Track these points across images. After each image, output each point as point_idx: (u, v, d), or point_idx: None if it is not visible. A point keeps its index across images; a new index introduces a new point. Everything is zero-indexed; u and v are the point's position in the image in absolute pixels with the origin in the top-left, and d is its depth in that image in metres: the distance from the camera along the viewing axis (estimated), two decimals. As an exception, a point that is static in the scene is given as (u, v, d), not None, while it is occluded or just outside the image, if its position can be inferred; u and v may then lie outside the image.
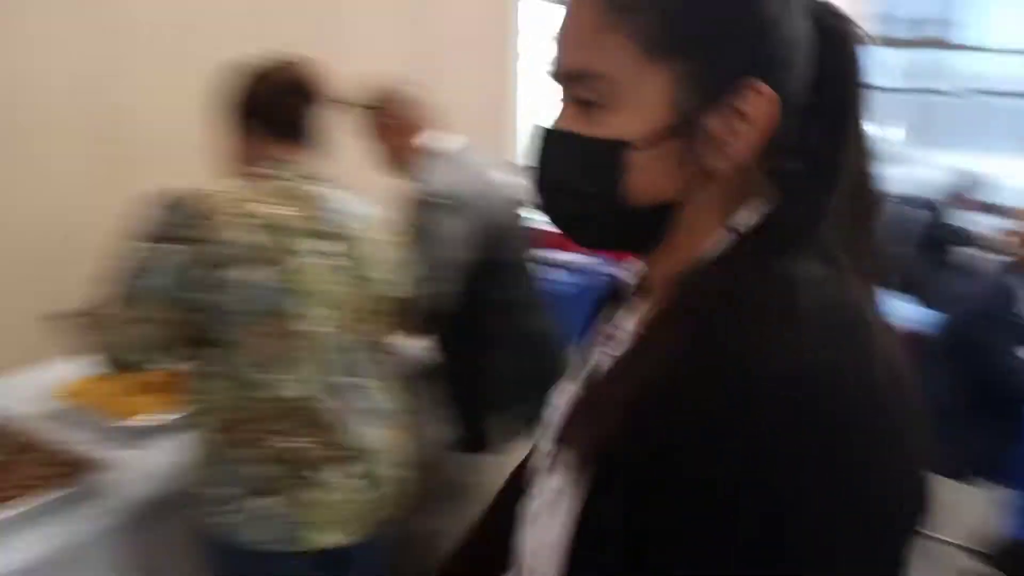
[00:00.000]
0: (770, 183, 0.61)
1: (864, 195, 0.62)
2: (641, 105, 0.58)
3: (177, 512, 1.44)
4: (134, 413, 1.62)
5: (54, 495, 1.35)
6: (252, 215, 1.28)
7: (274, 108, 1.39)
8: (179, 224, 1.26)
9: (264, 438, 1.32)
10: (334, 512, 1.37)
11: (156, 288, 1.25)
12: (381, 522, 1.47)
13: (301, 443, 1.33)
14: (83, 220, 2.07)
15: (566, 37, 0.61)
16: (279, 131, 1.40)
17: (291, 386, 1.32)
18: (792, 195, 0.60)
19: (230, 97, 1.41)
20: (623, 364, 0.62)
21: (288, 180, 1.37)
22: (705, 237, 0.61)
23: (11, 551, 1.26)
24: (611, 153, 0.59)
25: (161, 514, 1.47)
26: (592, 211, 0.62)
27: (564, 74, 0.61)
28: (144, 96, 2.23)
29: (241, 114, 1.41)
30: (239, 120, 1.41)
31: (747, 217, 0.61)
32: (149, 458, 1.55)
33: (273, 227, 1.30)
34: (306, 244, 1.33)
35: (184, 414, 1.46)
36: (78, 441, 1.53)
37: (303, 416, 1.34)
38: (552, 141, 0.63)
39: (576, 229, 0.65)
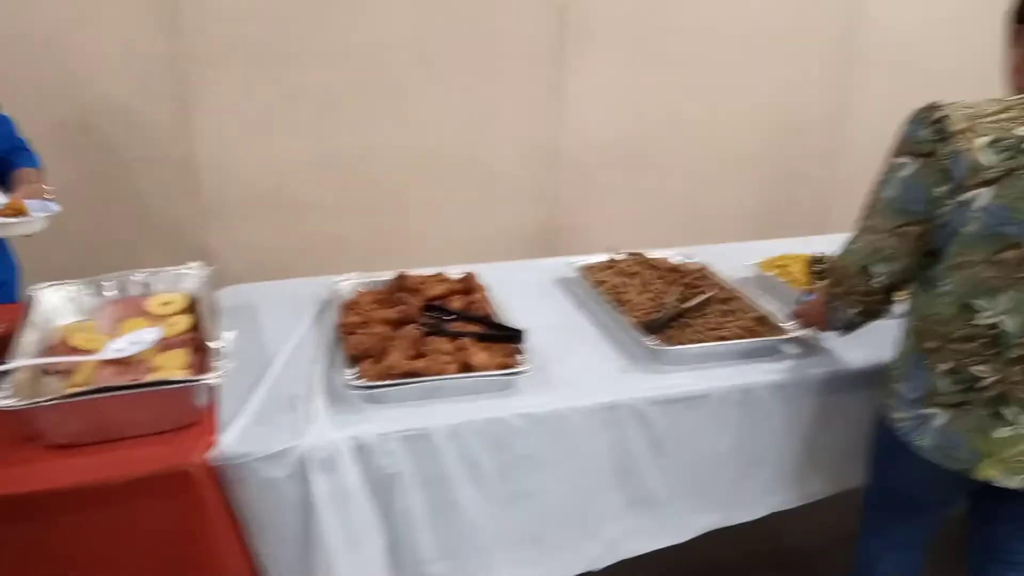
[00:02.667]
0: None
1: None
2: None
3: (858, 391, 1.62)
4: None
5: (745, 343, 1.63)
6: (1001, 134, 1.24)
7: None
8: (921, 138, 1.29)
9: (956, 356, 1.35)
10: (1000, 448, 1.36)
11: (887, 199, 1.34)
12: None
13: (989, 372, 1.33)
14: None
15: None
16: None
17: (994, 315, 1.31)
18: None
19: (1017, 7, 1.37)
20: None
21: None
22: None
23: (704, 379, 1.55)
24: None
25: (840, 388, 1.63)
26: None
27: None
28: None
29: None
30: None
31: None
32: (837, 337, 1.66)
33: (1019, 148, 1.23)
34: None
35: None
36: (772, 305, 1.81)
37: (999, 347, 1.32)
38: None
39: None
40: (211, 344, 1.35)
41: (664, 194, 2.96)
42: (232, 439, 1.30)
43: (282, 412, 1.39)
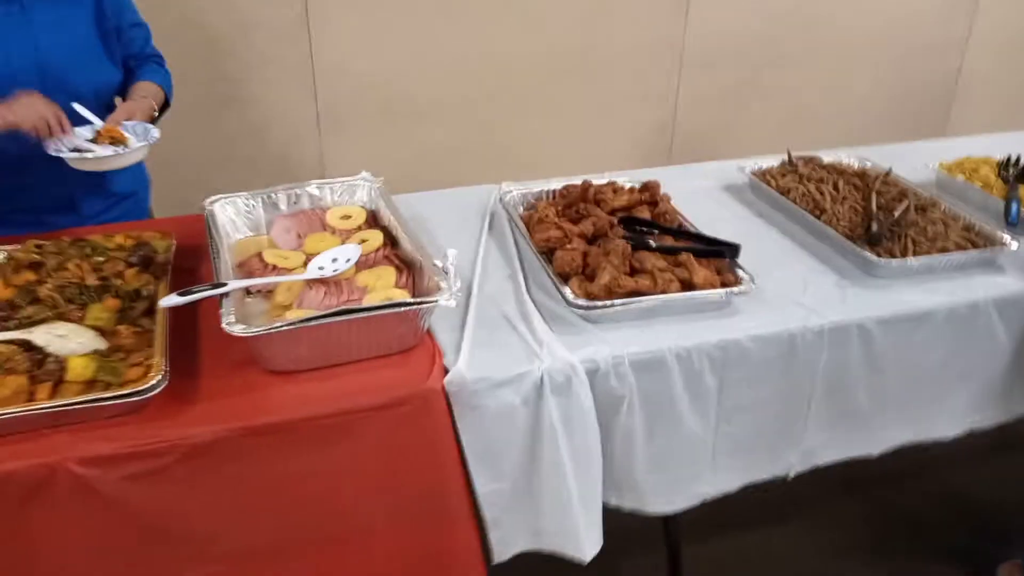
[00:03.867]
0: None
1: None
2: None
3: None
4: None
5: (967, 255, 1.53)
6: None
7: None
8: None
9: None
10: None
11: None
12: None
13: None
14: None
15: None
16: None
17: None
18: None
19: None
20: None
21: None
22: None
23: (929, 294, 1.46)
24: None
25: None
26: None
27: None
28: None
29: None
30: None
31: None
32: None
33: None
34: None
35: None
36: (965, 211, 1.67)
37: None
38: None
39: None
40: (436, 263, 1.28)
41: (785, 95, 2.79)
42: (465, 363, 1.23)
43: (503, 333, 1.33)
